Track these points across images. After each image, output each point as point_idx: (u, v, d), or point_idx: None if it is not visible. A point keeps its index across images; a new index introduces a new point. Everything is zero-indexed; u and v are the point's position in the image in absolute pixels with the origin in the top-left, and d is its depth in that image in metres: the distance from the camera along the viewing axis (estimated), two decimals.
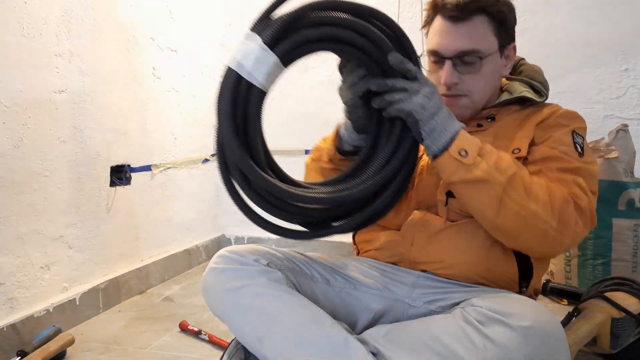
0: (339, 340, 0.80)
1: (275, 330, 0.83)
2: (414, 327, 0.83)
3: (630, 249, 1.54)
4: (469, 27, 0.93)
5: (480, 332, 0.74)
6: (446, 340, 0.75)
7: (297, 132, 2.34)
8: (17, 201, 1.34)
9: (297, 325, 0.83)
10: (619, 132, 1.61)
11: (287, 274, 0.93)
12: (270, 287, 0.88)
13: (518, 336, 0.72)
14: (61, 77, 1.48)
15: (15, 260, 1.34)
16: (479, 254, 0.92)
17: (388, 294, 0.98)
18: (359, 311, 0.98)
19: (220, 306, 0.91)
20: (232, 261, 0.92)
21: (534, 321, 0.73)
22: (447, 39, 0.94)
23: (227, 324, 0.92)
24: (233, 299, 0.88)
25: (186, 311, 1.64)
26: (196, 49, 2.23)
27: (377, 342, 0.82)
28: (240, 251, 0.94)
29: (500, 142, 0.95)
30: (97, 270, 1.66)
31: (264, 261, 0.92)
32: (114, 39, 1.70)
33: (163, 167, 2.00)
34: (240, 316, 0.88)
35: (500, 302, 0.79)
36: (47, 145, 1.43)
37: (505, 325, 0.73)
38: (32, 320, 1.36)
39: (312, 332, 0.82)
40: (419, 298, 0.96)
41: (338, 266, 1.03)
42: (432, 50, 0.97)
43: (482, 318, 0.76)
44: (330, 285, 0.99)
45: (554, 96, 2.01)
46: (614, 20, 1.94)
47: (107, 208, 1.69)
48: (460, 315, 0.79)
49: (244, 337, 0.89)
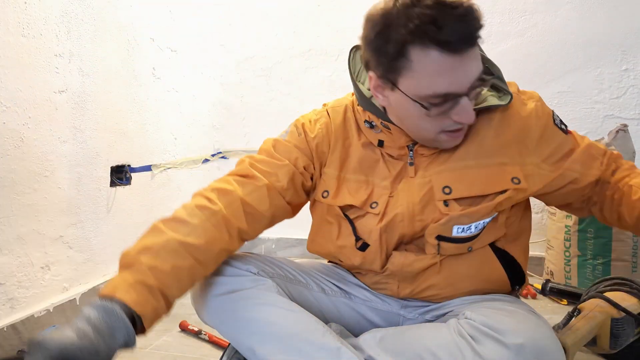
0: (331, 348, 0.79)
1: (267, 340, 0.81)
2: (408, 335, 0.82)
3: (630, 249, 1.54)
4: (476, 52, 0.80)
5: (473, 349, 0.73)
6: (439, 353, 0.74)
7: None
8: (17, 201, 1.34)
9: (289, 334, 0.81)
10: (619, 132, 1.61)
11: (278, 282, 0.92)
12: (261, 297, 0.86)
13: (511, 354, 0.70)
14: (61, 77, 1.48)
15: (15, 260, 1.34)
16: (471, 281, 0.92)
17: (381, 306, 0.98)
18: (354, 320, 0.98)
19: (211, 315, 0.89)
20: (222, 270, 0.90)
21: (528, 338, 0.72)
22: (461, 75, 0.78)
23: (219, 332, 0.90)
24: (224, 308, 0.86)
25: (186, 311, 1.63)
26: (196, 49, 2.23)
27: (372, 349, 0.81)
28: (230, 260, 0.91)
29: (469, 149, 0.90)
30: (97, 270, 1.66)
31: (254, 269, 0.90)
32: (114, 39, 1.70)
33: (163, 167, 2.00)
34: (232, 325, 0.86)
35: (495, 315, 0.78)
36: (47, 145, 1.43)
37: (498, 342, 0.72)
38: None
39: (304, 341, 0.80)
40: (413, 310, 0.96)
41: (331, 276, 1.02)
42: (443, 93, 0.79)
43: (476, 333, 0.75)
44: (326, 294, 0.99)
45: (554, 96, 2.03)
46: (614, 20, 1.94)
47: (108, 208, 1.70)
48: (454, 328, 0.78)
49: (237, 345, 0.87)
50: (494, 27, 2.09)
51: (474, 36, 0.76)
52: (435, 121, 0.83)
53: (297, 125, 1.02)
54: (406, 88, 0.81)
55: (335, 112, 1.02)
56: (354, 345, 0.84)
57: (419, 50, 0.76)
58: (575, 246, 1.61)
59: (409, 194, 0.91)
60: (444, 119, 0.83)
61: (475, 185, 0.87)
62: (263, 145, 1.02)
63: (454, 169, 0.89)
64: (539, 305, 1.64)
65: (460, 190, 0.88)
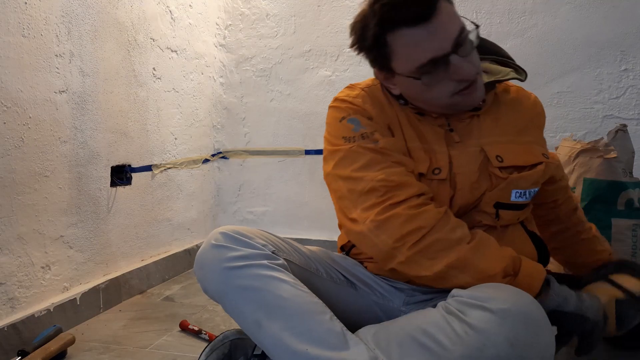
0: (338, 332, 0.79)
1: (276, 316, 0.80)
2: (399, 322, 0.83)
3: (629, 249, 1.54)
4: (444, 14, 0.84)
5: (461, 320, 0.74)
6: (431, 330, 0.75)
7: (297, 132, 2.35)
8: (17, 201, 1.34)
9: (298, 313, 0.80)
10: (618, 132, 1.61)
11: (291, 265, 0.91)
12: (274, 271, 0.84)
13: (497, 319, 0.71)
14: (61, 77, 1.48)
15: (15, 260, 1.34)
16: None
17: (384, 301, 0.99)
18: (357, 311, 0.98)
19: (218, 285, 0.86)
20: (236, 241, 0.87)
21: (512, 304, 0.73)
22: (437, 38, 0.83)
23: (222, 305, 0.87)
24: (233, 278, 0.84)
25: (186, 311, 1.64)
26: (196, 49, 2.23)
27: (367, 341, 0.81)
28: (245, 232, 0.89)
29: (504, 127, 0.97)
30: (98, 270, 1.66)
31: (270, 247, 0.89)
32: (114, 39, 1.71)
33: (163, 167, 2.00)
34: (240, 297, 0.83)
35: (481, 289, 0.79)
36: (48, 145, 1.44)
37: (483, 309, 0.73)
38: (32, 320, 1.36)
39: (313, 321, 0.79)
40: (414, 306, 0.97)
41: (340, 265, 1.02)
42: (427, 61, 0.85)
43: (462, 306, 0.76)
44: (334, 282, 0.99)
45: (554, 96, 2.03)
46: (613, 21, 1.94)
47: (108, 208, 1.70)
48: (442, 306, 0.79)
49: (241, 319, 0.85)
50: (494, 27, 2.09)
51: (430, 10, 0.82)
52: (440, 88, 0.88)
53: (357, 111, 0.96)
54: (400, 69, 0.89)
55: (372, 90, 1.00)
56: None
57: (392, 34, 0.85)
58: None
59: (468, 160, 0.93)
60: (447, 83, 0.87)
61: (520, 155, 0.95)
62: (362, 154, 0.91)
63: (498, 142, 0.95)
64: None
65: (509, 159, 0.94)
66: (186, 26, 2.15)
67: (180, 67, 2.11)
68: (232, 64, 2.44)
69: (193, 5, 2.19)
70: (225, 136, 2.46)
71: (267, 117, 2.41)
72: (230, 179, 2.44)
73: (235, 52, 2.44)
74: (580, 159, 1.63)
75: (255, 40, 2.39)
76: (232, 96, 2.45)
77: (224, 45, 2.43)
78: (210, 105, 2.39)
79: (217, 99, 2.43)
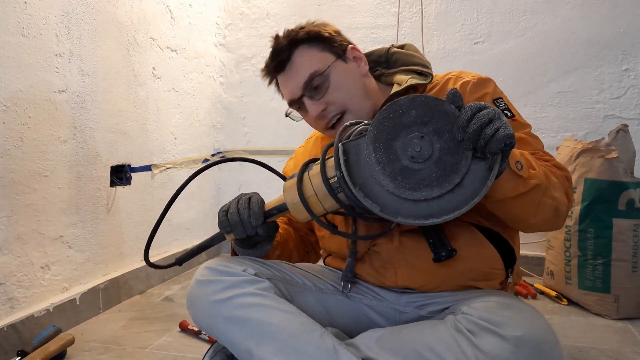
0: (329, 349, 0.79)
1: (265, 342, 0.81)
2: (406, 333, 0.83)
3: (630, 249, 1.54)
4: (295, 63, 0.98)
5: (472, 343, 0.73)
6: (438, 349, 0.75)
7: (297, 132, 2.34)
8: (17, 201, 1.34)
9: (286, 335, 0.81)
10: (619, 132, 1.61)
11: (276, 283, 0.92)
12: (258, 297, 0.86)
13: (510, 347, 0.71)
14: (61, 77, 1.47)
15: (15, 260, 1.34)
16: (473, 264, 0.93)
17: (377, 302, 0.99)
18: (353, 318, 0.98)
19: (207, 319, 0.88)
20: (219, 273, 0.90)
21: (526, 330, 0.72)
22: (289, 85, 0.99)
23: (214, 337, 0.89)
24: (221, 311, 0.86)
25: (186, 311, 1.63)
26: (196, 48, 2.22)
27: (370, 349, 0.81)
28: (226, 262, 0.92)
29: None
30: (97, 270, 1.66)
31: (251, 271, 0.90)
32: (114, 39, 1.70)
33: (163, 167, 2.00)
34: (228, 329, 0.85)
35: (491, 309, 0.78)
36: (47, 145, 1.43)
37: (496, 335, 0.72)
38: (32, 320, 1.36)
39: (302, 341, 0.80)
40: (408, 304, 0.97)
41: (327, 276, 1.03)
42: (288, 102, 1.02)
43: (474, 327, 0.75)
44: (324, 293, 0.99)
45: (554, 96, 2.03)
46: (614, 20, 1.94)
47: (107, 208, 1.69)
48: (452, 324, 0.78)
49: (234, 349, 0.86)
50: (495, 27, 2.09)
51: (282, 54, 0.98)
52: (312, 123, 1.02)
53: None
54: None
55: None
56: (351, 345, 0.84)
57: (273, 79, 1.06)
58: (576, 246, 1.61)
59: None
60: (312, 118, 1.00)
61: None
62: None
63: None
64: (539, 305, 1.64)
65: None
66: (186, 25, 2.15)
67: (180, 67, 2.11)
68: (232, 64, 2.44)
69: (193, 4, 2.19)
70: (225, 136, 2.46)
71: (267, 117, 2.40)
72: (230, 178, 2.44)
73: (235, 51, 2.43)
74: (581, 159, 1.63)
75: (256, 40, 2.39)
76: (232, 96, 2.45)
77: (224, 45, 2.43)
78: (210, 105, 2.38)
79: (217, 98, 2.43)
